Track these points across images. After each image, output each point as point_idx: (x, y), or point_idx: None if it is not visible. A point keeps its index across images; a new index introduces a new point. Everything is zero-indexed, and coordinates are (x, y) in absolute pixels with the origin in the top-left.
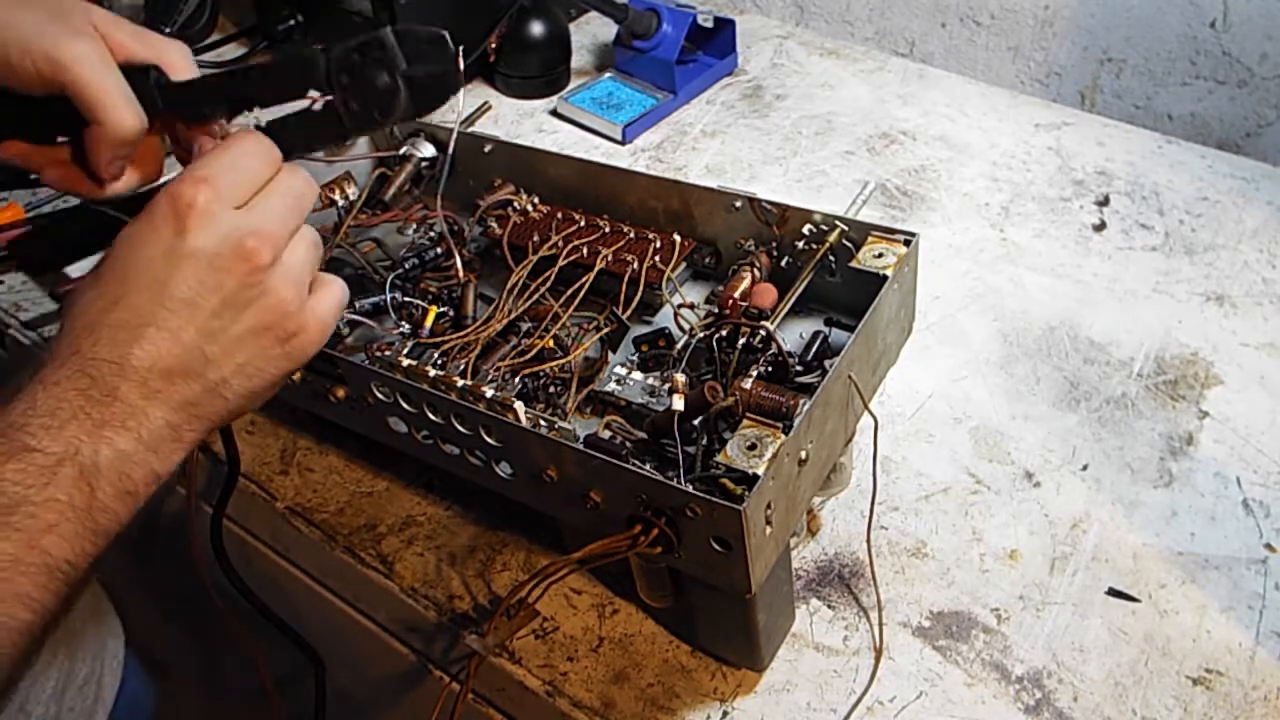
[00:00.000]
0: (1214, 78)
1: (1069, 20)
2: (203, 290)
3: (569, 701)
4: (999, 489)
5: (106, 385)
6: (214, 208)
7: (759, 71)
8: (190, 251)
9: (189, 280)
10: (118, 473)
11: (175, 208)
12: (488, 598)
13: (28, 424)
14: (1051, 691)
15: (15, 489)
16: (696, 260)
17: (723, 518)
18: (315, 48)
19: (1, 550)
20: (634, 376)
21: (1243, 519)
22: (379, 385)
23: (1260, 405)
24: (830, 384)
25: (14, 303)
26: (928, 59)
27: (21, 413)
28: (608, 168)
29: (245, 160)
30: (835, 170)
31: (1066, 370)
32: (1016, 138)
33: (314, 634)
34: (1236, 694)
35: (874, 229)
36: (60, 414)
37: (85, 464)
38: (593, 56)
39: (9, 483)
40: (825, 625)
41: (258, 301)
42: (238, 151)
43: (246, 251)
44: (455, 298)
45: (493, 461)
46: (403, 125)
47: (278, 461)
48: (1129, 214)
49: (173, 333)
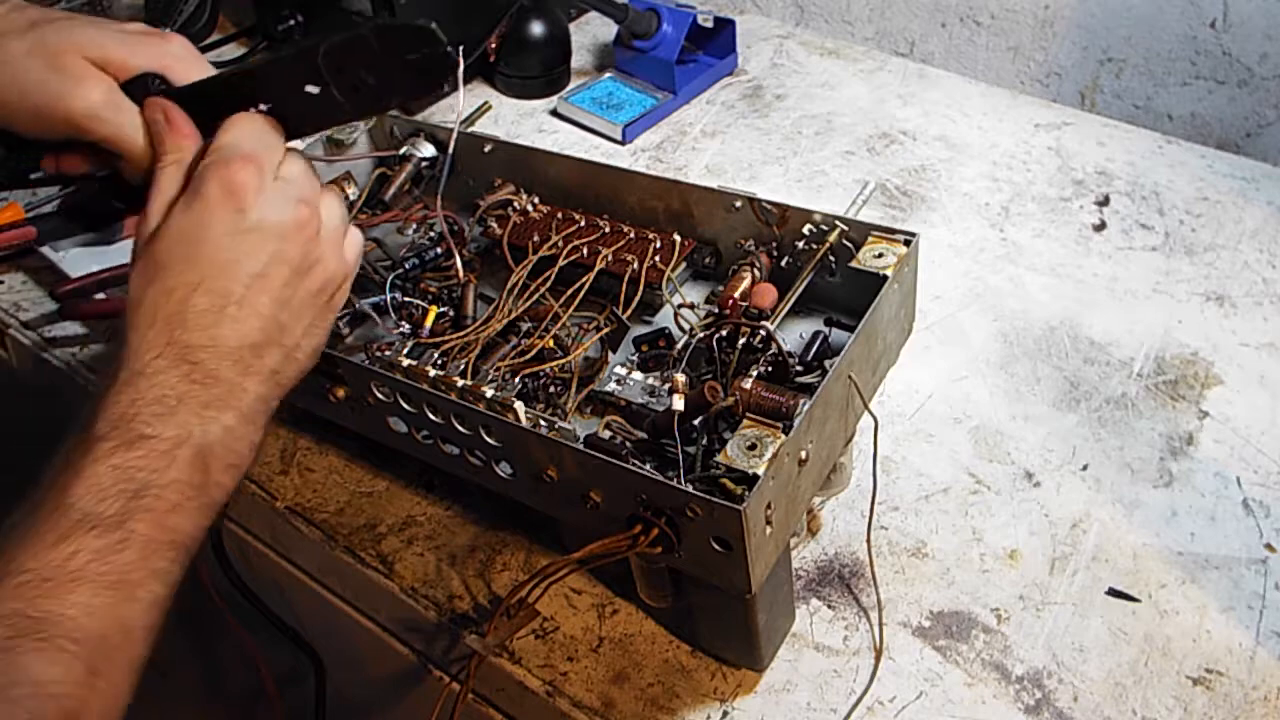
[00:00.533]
0: (1214, 78)
1: (1069, 20)
2: (272, 262)
3: (569, 701)
4: (999, 489)
5: (206, 368)
6: (264, 183)
7: (759, 71)
8: (253, 227)
9: (258, 255)
10: (225, 448)
11: (230, 188)
12: (488, 598)
13: (139, 413)
14: (1051, 691)
15: (141, 474)
16: (696, 260)
17: (723, 518)
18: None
19: (137, 531)
20: (634, 376)
21: (1243, 519)
22: (379, 385)
23: (1260, 405)
24: (830, 384)
25: (14, 303)
26: (928, 59)
27: (129, 403)
28: (608, 167)
29: (269, 136)
30: (835, 170)
31: (1066, 370)
32: (1016, 138)
33: (314, 634)
34: (1236, 694)
35: (874, 229)
36: (168, 400)
37: (199, 444)
38: (593, 56)
39: (134, 469)
40: (825, 625)
41: (316, 265)
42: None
43: (303, 219)
44: (455, 298)
45: (493, 461)
46: (403, 125)
47: (278, 461)
48: (1129, 214)
49: (253, 307)
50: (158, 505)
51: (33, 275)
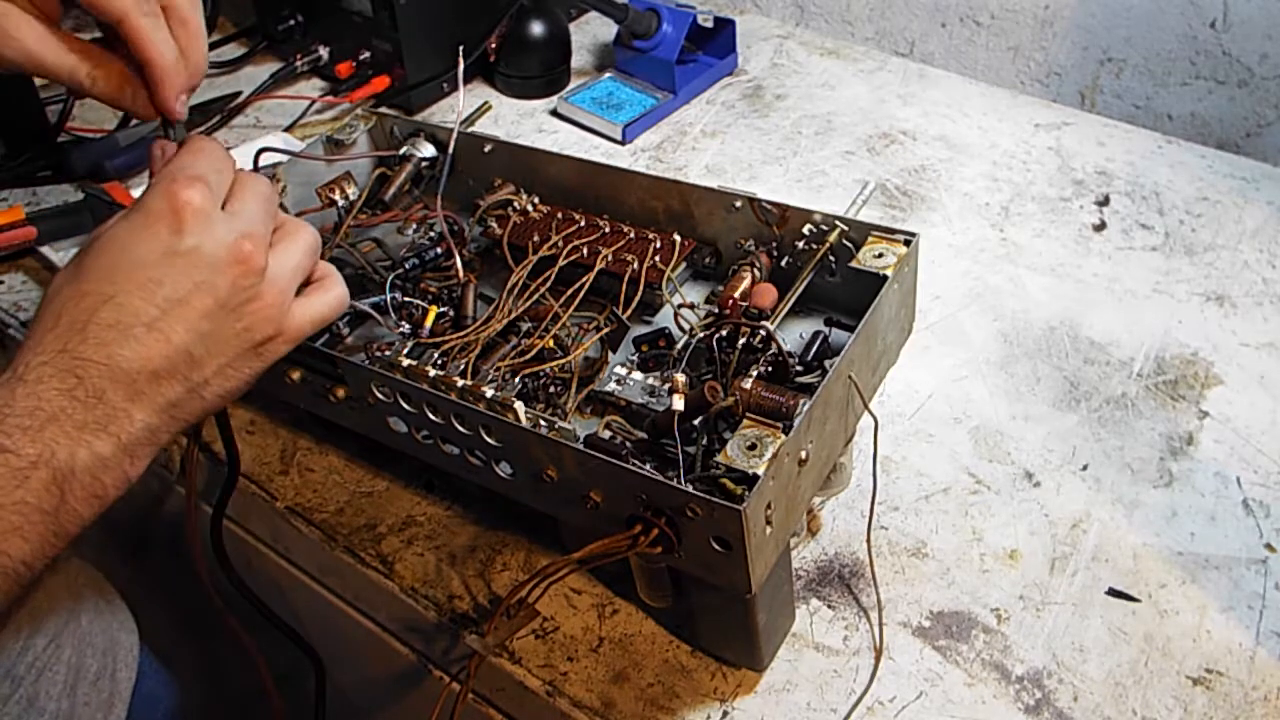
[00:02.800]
0: (1214, 78)
1: (1069, 20)
2: (197, 291)
3: (569, 701)
4: (999, 489)
5: (93, 387)
6: (209, 207)
7: (759, 71)
8: (186, 251)
9: (183, 280)
10: (91, 477)
11: (172, 205)
12: (488, 598)
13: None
14: (1051, 691)
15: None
16: (696, 260)
17: (723, 518)
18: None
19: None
20: (634, 376)
21: (1243, 519)
22: (379, 385)
23: (1260, 405)
24: (830, 384)
25: (14, 303)
26: (928, 59)
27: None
28: (608, 167)
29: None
30: (835, 170)
31: (1066, 370)
32: (1016, 138)
33: (314, 634)
34: (1236, 694)
35: (874, 229)
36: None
37: (60, 468)
38: (593, 56)
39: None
40: (825, 625)
41: (247, 305)
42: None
43: (243, 254)
44: (455, 298)
45: (493, 461)
46: (403, 125)
47: (278, 461)
48: (1129, 214)
49: (163, 333)
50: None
51: (33, 275)
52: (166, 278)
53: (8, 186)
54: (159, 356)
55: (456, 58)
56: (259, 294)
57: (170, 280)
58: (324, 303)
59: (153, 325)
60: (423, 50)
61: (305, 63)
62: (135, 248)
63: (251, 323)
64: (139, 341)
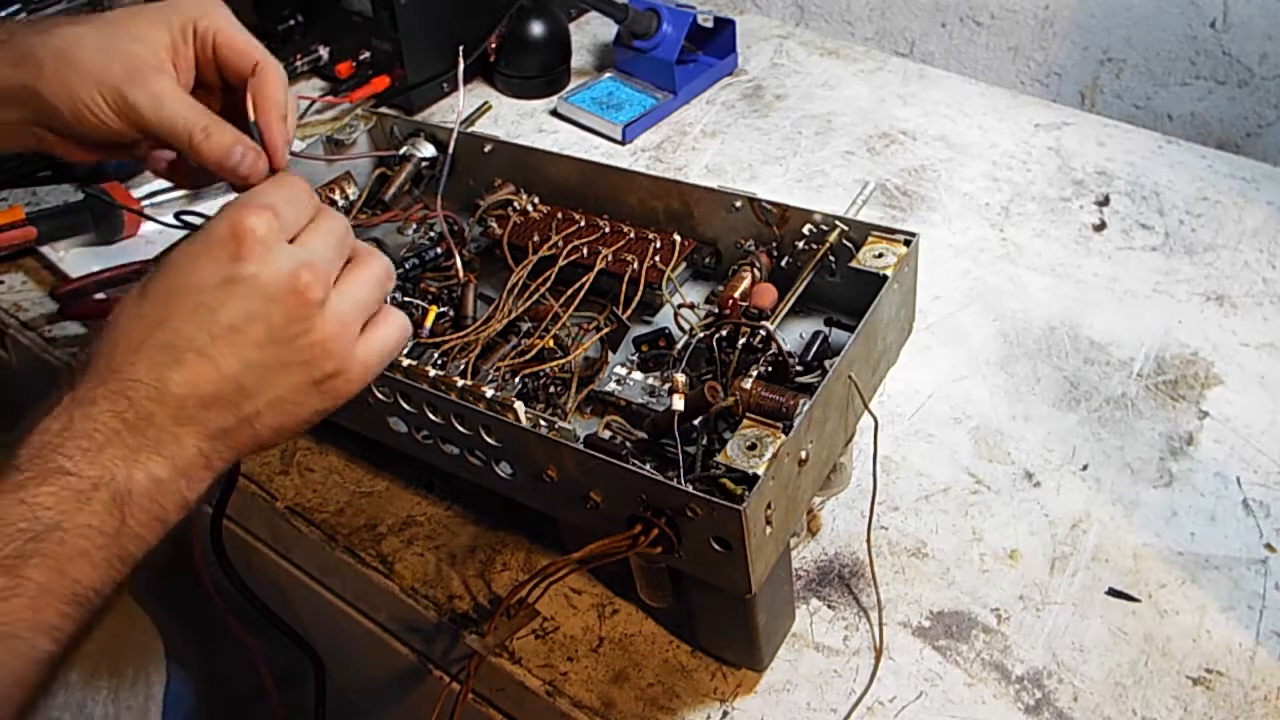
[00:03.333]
0: (1214, 78)
1: (1069, 20)
2: (250, 320)
3: (569, 701)
4: (999, 489)
5: (142, 409)
6: (272, 238)
7: (759, 71)
8: (244, 278)
9: (238, 308)
10: (150, 499)
11: (236, 232)
12: (488, 598)
13: (63, 445)
14: (1051, 691)
15: (48, 514)
16: (696, 260)
17: (723, 518)
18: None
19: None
20: (634, 376)
21: (1243, 519)
22: (379, 385)
23: (1260, 405)
24: (830, 384)
25: (14, 303)
26: (928, 59)
27: (57, 432)
28: (608, 167)
29: (300, 197)
30: (835, 170)
31: (1066, 370)
32: (1016, 138)
33: (314, 634)
34: (1236, 694)
35: (874, 229)
36: (96, 437)
37: (119, 490)
38: (593, 56)
39: (42, 507)
40: (825, 625)
41: (302, 338)
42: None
43: (301, 285)
44: (455, 298)
45: (493, 461)
46: (403, 125)
47: (278, 461)
48: (1129, 214)
49: (213, 360)
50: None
51: (33, 275)
52: (220, 304)
53: (8, 186)
54: (207, 383)
55: (456, 58)
56: (314, 327)
57: (224, 307)
58: (386, 337)
59: (203, 351)
60: (423, 50)
61: (305, 63)
62: (194, 272)
63: (309, 357)
64: (189, 367)
